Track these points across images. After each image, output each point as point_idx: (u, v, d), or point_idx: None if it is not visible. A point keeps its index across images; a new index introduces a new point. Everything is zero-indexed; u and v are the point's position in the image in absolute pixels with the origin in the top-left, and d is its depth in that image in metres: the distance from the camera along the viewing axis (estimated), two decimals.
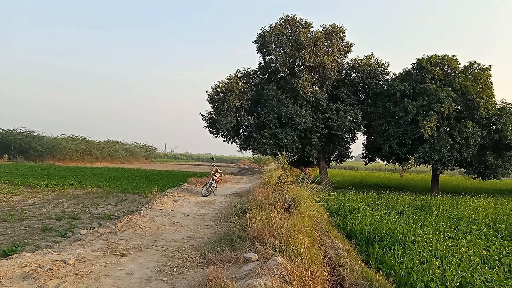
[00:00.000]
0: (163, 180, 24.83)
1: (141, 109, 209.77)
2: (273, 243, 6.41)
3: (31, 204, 13.47)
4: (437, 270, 6.16)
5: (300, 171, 35.04)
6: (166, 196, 13.48)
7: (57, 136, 49.14)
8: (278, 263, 5.36)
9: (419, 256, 7.38)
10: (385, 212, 13.42)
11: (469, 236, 10.01)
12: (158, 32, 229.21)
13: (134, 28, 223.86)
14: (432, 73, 26.17)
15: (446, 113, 24.61)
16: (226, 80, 26.32)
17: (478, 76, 26.75)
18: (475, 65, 27.60)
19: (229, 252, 6.58)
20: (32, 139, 44.97)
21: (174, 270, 5.93)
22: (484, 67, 27.48)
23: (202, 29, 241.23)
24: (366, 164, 32.13)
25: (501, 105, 28.43)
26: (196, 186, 18.42)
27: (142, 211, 10.33)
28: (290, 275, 5.10)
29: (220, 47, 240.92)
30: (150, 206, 11.28)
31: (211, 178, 16.10)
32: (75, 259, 5.96)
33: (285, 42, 25.81)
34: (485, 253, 7.88)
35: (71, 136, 50.62)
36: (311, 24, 27.36)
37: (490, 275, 6.31)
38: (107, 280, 5.29)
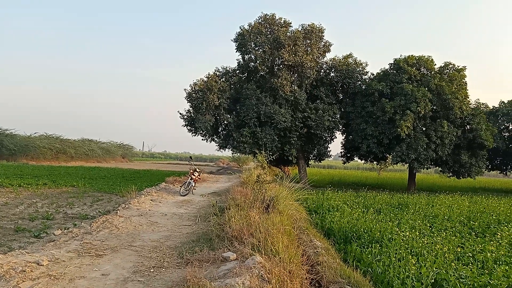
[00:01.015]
0: (140, 179, 24.49)
1: (118, 107, 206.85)
2: (252, 242, 6.37)
3: (4, 204, 13.08)
4: (413, 267, 6.24)
5: (280, 170, 35.15)
6: (143, 196, 13.28)
7: (31, 135, 47.90)
8: (257, 262, 5.34)
9: (396, 253, 7.47)
10: (363, 211, 13.56)
11: (444, 233, 10.20)
12: (132, 28, 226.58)
13: (110, 24, 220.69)
14: (409, 73, 26.60)
15: (423, 112, 25.05)
16: (205, 79, 26.15)
17: (453, 76, 27.35)
18: (450, 65, 28.21)
19: (207, 251, 6.54)
20: (5, 137, 43.70)
21: (151, 270, 5.85)
22: (459, 68, 28.11)
23: (178, 26, 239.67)
24: (344, 163, 32.47)
25: (475, 105, 29.19)
26: (174, 185, 18.22)
27: (118, 211, 10.16)
28: (269, 274, 5.07)
29: (198, 45, 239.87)
30: (126, 206, 11.09)
31: (190, 177, 15.95)
32: (48, 260, 5.83)
33: (264, 41, 25.79)
34: (459, 250, 8.03)
35: (45, 134, 49.43)
36: (290, 23, 27.44)
37: (464, 272, 6.42)
38: (81, 282, 5.18)
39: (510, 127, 33.64)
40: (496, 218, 13.40)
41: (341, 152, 31.22)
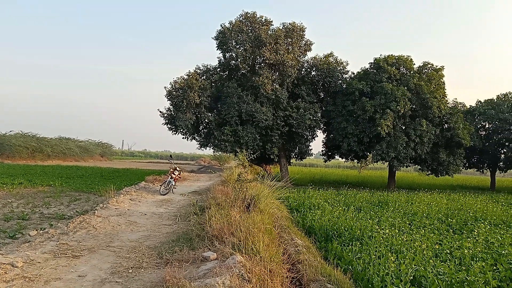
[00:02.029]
0: (119, 178, 24.12)
1: (96, 105, 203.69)
2: (232, 241, 6.33)
3: None
4: (392, 265, 6.28)
5: (261, 169, 35.16)
6: (122, 195, 13.05)
7: (6, 133, 46.63)
8: (237, 262, 5.30)
9: (376, 251, 7.52)
10: (344, 209, 13.65)
11: (423, 230, 10.34)
12: (112, 25, 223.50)
13: (88, 21, 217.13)
14: (388, 72, 26.92)
15: (402, 111, 25.38)
16: (185, 77, 25.91)
17: (432, 76, 27.80)
18: (429, 65, 28.67)
19: (187, 251, 6.46)
20: None
21: (130, 271, 5.75)
22: (437, 67, 28.60)
23: (158, 23, 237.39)
24: (325, 161, 32.70)
25: (452, 105, 29.76)
26: (154, 184, 17.99)
27: (96, 211, 9.95)
28: (249, 273, 5.05)
29: (179, 42, 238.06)
30: (105, 206, 10.87)
31: (170, 176, 15.78)
32: (23, 262, 5.68)
33: (245, 39, 25.71)
34: (437, 247, 8.14)
35: (20, 132, 48.15)
36: (271, 21, 27.44)
37: (442, 268, 6.49)
38: (57, 284, 5.06)
39: (487, 126, 34.44)
40: (473, 215, 13.67)
41: (322, 151, 31.42)
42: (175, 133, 26.76)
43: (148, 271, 5.78)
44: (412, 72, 28.07)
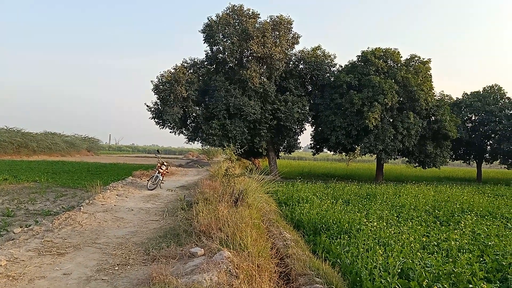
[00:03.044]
0: (106, 173, 23.85)
1: (83, 99, 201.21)
2: (220, 237, 6.29)
3: None
4: (380, 257, 6.27)
5: (250, 162, 35.13)
6: (109, 191, 12.89)
7: None
8: (225, 257, 5.27)
9: (364, 244, 7.53)
10: (332, 202, 13.67)
11: (410, 223, 10.40)
12: (97, 18, 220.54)
13: (74, 13, 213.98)
14: (376, 65, 27.01)
15: (390, 104, 25.51)
16: (172, 70, 25.68)
17: (419, 69, 27.98)
18: (416, 58, 28.85)
19: (174, 247, 6.41)
20: None
21: (116, 268, 5.69)
22: (424, 60, 28.79)
23: (145, 16, 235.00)
24: (314, 154, 32.80)
25: (439, 97, 30.00)
26: (141, 179, 17.81)
27: (82, 207, 9.80)
28: (237, 269, 5.03)
29: (166, 35, 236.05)
30: (91, 202, 10.73)
31: (157, 171, 15.65)
32: (7, 260, 5.60)
33: (232, 32, 25.53)
34: (425, 239, 8.18)
35: (5, 127, 47.37)
36: (259, 14, 27.30)
37: (429, 260, 6.52)
38: (42, 282, 4.99)
39: (473, 118, 34.84)
40: (459, 207, 13.80)
41: (310, 144, 31.51)
42: (163, 127, 26.57)
43: (135, 268, 5.72)
44: (399, 65, 28.21)
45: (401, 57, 28.65)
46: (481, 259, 7.05)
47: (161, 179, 15.47)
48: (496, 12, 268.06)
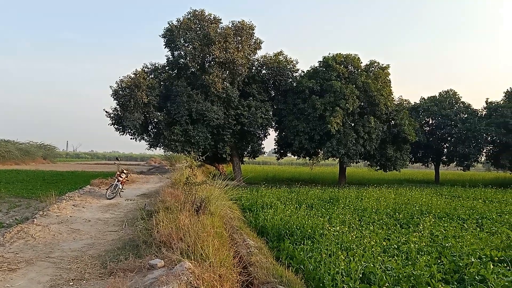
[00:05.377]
0: (63, 182, 22.91)
1: (38, 105, 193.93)
2: (181, 247, 6.16)
3: None
4: (342, 262, 6.31)
5: (214, 168, 34.85)
6: (64, 201, 12.39)
7: None
8: (185, 269, 5.13)
9: (327, 249, 7.54)
10: (296, 207, 13.72)
11: (372, 226, 10.55)
12: (53, 22, 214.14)
13: (28, 18, 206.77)
14: (337, 71, 27.44)
15: (351, 109, 25.97)
16: (132, 75, 25.09)
17: (378, 74, 28.66)
18: (375, 64, 29.52)
19: (133, 259, 6.21)
20: None
21: (70, 283, 5.49)
22: (383, 66, 29.51)
23: (103, 20, 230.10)
24: (278, 159, 32.95)
25: (398, 102, 30.84)
26: (100, 188, 17.26)
27: (35, 219, 9.35)
28: (198, 280, 4.90)
29: (125, 40, 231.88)
30: (45, 213, 10.27)
31: (116, 179, 15.21)
32: None
33: (194, 37, 25.28)
34: (385, 242, 8.30)
35: None
36: (220, 19, 27.22)
37: (389, 264, 6.61)
38: None
39: (430, 122, 36.03)
40: (419, 209, 14.16)
41: (274, 149, 31.63)
42: (123, 134, 25.92)
43: (91, 283, 5.52)
44: (359, 70, 28.76)
45: (361, 62, 29.24)
46: (439, 260, 7.21)
47: (120, 187, 15.06)
48: (451, 19, 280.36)
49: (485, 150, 34.27)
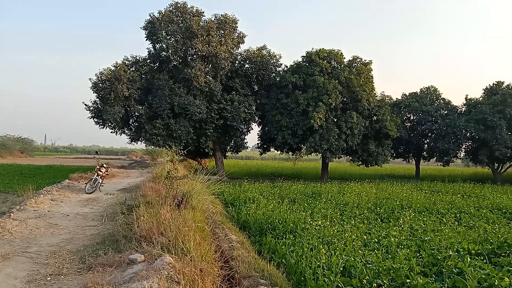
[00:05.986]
0: (41, 176, 22.46)
1: (14, 97, 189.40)
2: (162, 242, 6.10)
3: None
4: (324, 256, 6.34)
5: (197, 163, 34.68)
6: (42, 195, 12.14)
7: None
8: (166, 263, 5.08)
9: (309, 243, 7.57)
10: (279, 201, 13.75)
11: (353, 220, 10.65)
12: (29, 13, 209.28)
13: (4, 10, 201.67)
14: (320, 66, 27.53)
15: (334, 104, 26.11)
16: (113, 68, 24.70)
17: (361, 70, 28.86)
18: (358, 59, 29.71)
19: (112, 254, 6.13)
20: None
21: (48, 279, 5.37)
22: (366, 61, 29.71)
23: (83, 11, 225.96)
24: (261, 154, 32.97)
25: (380, 98, 31.11)
26: (79, 182, 16.95)
27: (12, 213, 9.15)
28: (178, 274, 4.86)
29: (106, 31, 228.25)
30: (22, 207, 10.04)
31: (96, 174, 14.98)
32: None
33: (176, 30, 25.02)
34: (366, 236, 8.39)
35: None
36: (203, 12, 27.00)
37: (370, 257, 6.68)
38: None
39: (411, 118, 36.50)
40: (399, 204, 14.34)
41: (258, 143, 31.61)
42: (103, 127, 25.56)
43: (69, 278, 5.42)
44: (342, 66, 28.93)
45: (344, 58, 29.39)
46: (418, 254, 7.32)
47: (100, 181, 14.84)
48: (432, 17, 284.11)
49: (464, 146, 34.86)
